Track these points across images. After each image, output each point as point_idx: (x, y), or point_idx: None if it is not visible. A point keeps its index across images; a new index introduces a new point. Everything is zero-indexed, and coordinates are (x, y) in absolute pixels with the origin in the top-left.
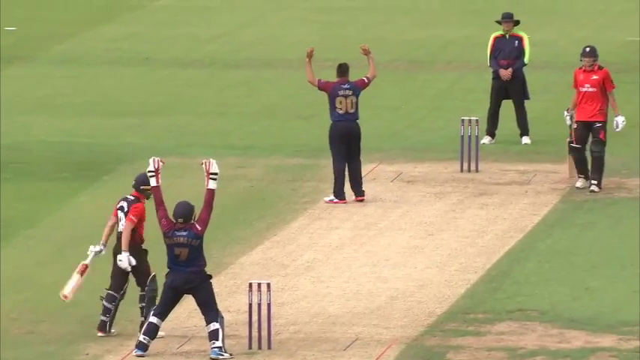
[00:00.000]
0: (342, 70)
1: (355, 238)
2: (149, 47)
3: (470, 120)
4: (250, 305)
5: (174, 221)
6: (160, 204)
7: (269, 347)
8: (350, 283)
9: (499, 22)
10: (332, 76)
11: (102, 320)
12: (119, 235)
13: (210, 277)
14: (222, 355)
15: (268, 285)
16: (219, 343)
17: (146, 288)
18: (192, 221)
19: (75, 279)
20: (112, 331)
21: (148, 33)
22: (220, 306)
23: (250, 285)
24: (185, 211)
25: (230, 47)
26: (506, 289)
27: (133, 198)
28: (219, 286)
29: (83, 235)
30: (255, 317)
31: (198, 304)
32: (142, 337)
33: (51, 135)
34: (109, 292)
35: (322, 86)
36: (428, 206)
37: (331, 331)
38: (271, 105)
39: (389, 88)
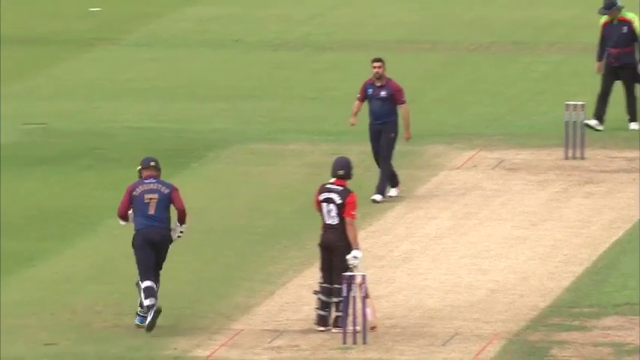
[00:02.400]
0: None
1: (454, 228)
2: (239, 29)
3: (575, 105)
4: (345, 298)
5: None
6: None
7: (364, 342)
8: (449, 275)
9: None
10: (430, 59)
11: (320, 315)
12: (325, 226)
13: None
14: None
15: (364, 277)
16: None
17: (343, 284)
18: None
19: (368, 303)
20: (335, 328)
21: (238, 14)
22: (312, 299)
23: (345, 277)
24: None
25: (324, 29)
26: (613, 281)
27: (341, 188)
28: (312, 278)
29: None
30: (349, 310)
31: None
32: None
33: (136, 120)
34: (324, 285)
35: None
36: (530, 195)
37: (429, 325)
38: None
39: (490, 71)
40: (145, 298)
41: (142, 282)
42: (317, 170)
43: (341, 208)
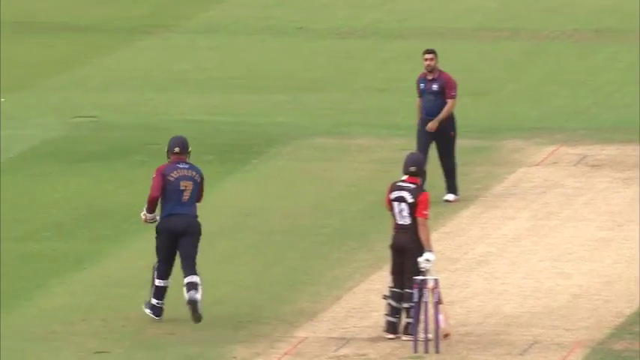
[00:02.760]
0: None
1: (534, 229)
2: (303, 15)
3: None
4: (417, 304)
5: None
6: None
7: (436, 351)
8: (527, 279)
9: None
10: (509, 48)
11: (389, 321)
12: (397, 227)
13: None
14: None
15: (436, 281)
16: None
17: (415, 288)
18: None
19: (441, 309)
20: (405, 336)
21: None
22: (381, 305)
23: (417, 281)
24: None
25: (395, 15)
26: None
27: (413, 186)
28: (381, 282)
29: (230, 225)
30: (421, 317)
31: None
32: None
33: (192, 113)
34: (394, 289)
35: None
36: (615, 193)
37: (506, 333)
38: None
39: (572, 61)
40: (155, 297)
41: (157, 278)
42: (386, 167)
43: (413, 208)
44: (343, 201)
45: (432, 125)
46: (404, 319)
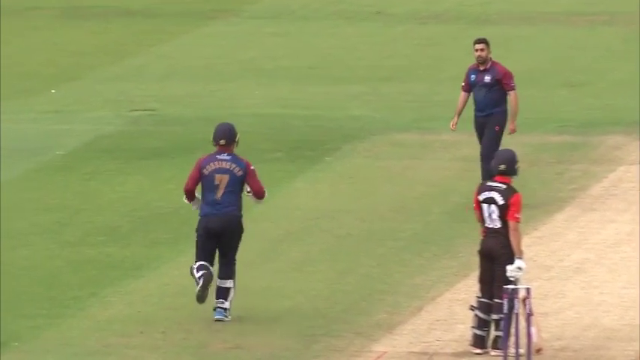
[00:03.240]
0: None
1: (635, 233)
2: None
3: None
4: (507, 315)
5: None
6: None
7: None
8: (629, 288)
9: None
10: (607, 34)
11: (477, 335)
12: (486, 231)
13: None
14: (227, 318)
15: (528, 290)
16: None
17: (505, 298)
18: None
19: (533, 321)
20: (494, 350)
21: None
22: (468, 317)
23: (506, 290)
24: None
25: None
26: None
27: (504, 186)
28: (467, 292)
29: (301, 229)
30: (511, 330)
31: None
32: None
33: (260, 106)
34: (482, 299)
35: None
36: None
37: (606, 347)
38: (531, 70)
39: None
40: (197, 271)
41: (196, 269)
42: (473, 165)
43: (503, 210)
44: (425, 202)
45: (512, 127)
46: (493, 333)
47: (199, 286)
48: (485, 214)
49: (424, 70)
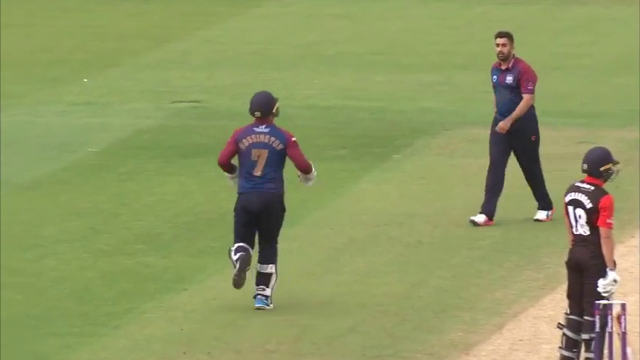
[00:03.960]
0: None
1: None
2: None
3: None
4: (599, 334)
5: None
6: None
7: None
8: None
9: None
10: None
11: (565, 356)
12: (574, 238)
13: None
14: (268, 306)
15: (623, 306)
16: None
17: (596, 315)
18: None
19: (629, 341)
20: None
21: None
22: (555, 336)
23: (598, 306)
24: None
25: None
26: None
27: (592, 188)
28: (554, 308)
29: (366, 236)
30: (604, 351)
31: None
32: None
33: (319, 97)
34: (571, 317)
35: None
36: None
37: None
38: (623, 55)
39: None
40: (235, 253)
41: (234, 251)
42: (560, 164)
43: (592, 215)
44: (506, 206)
45: (502, 125)
46: (583, 354)
47: (236, 269)
48: (572, 220)
49: None
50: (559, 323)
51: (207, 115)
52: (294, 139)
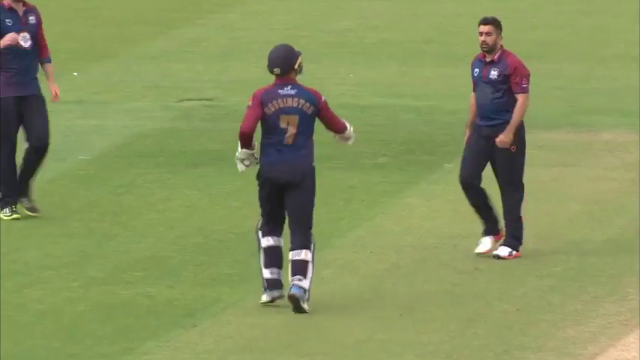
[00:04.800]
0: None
1: None
2: None
3: None
4: None
5: None
6: None
7: None
8: None
9: None
10: None
11: None
12: None
13: None
14: (304, 302)
15: None
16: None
17: None
18: None
19: None
20: None
21: None
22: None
23: None
24: None
25: None
26: None
27: None
28: (635, 348)
29: (411, 261)
30: None
31: None
32: None
33: (357, 93)
34: None
35: None
36: None
37: None
38: None
39: None
40: (266, 267)
41: (262, 237)
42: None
43: None
44: (581, 226)
45: (503, 139)
46: None
47: (264, 301)
48: None
49: (580, 46)
50: None
51: (222, 116)
52: (324, 98)
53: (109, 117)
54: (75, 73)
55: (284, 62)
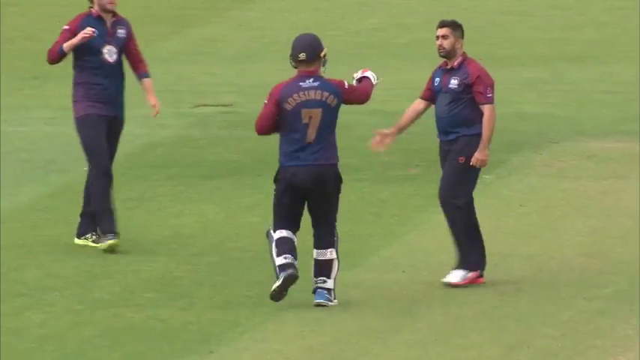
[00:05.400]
0: None
1: None
2: None
3: None
4: None
5: None
6: None
7: None
8: None
9: None
10: None
11: None
12: None
13: None
14: (331, 302)
15: None
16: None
17: None
18: None
19: None
20: None
21: None
22: None
23: None
24: None
25: None
26: None
27: None
28: None
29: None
30: None
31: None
32: None
33: (386, 99)
34: None
35: None
36: None
37: None
38: None
39: None
40: (278, 255)
41: (274, 231)
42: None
43: None
44: (633, 243)
45: (478, 157)
46: None
47: (277, 285)
48: None
49: (631, 47)
50: None
51: (240, 122)
52: (347, 84)
53: None
54: None
55: (310, 48)
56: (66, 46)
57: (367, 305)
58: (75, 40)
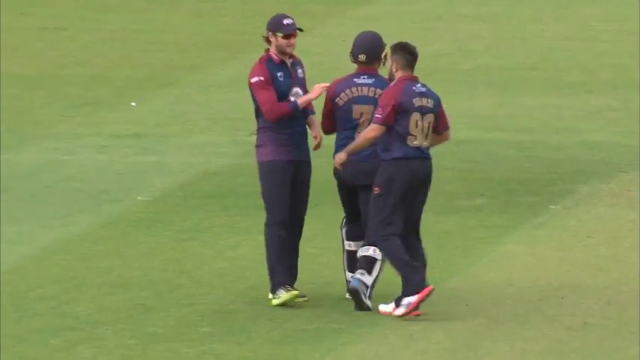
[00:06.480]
0: None
1: None
2: None
3: None
4: None
5: None
6: None
7: None
8: None
9: None
10: None
11: None
12: None
13: None
14: (367, 300)
15: None
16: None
17: None
18: None
19: None
20: None
21: None
22: None
23: None
24: None
25: None
26: None
27: None
28: None
29: (512, 315)
30: None
31: None
32: None
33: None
34: None
35: None
36: None
37: None
38: None
39: None
40: (349, 270)
41: (345, 239)
42: None
43: None
44: None
45: (339, 158)
46: None
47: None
48: None
49: None
50: None
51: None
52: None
53: (171, 153)
54: (133, 104)
55: (371, 49)
56: (302, 102)
57: (429, 340)
58: (313, 95)
